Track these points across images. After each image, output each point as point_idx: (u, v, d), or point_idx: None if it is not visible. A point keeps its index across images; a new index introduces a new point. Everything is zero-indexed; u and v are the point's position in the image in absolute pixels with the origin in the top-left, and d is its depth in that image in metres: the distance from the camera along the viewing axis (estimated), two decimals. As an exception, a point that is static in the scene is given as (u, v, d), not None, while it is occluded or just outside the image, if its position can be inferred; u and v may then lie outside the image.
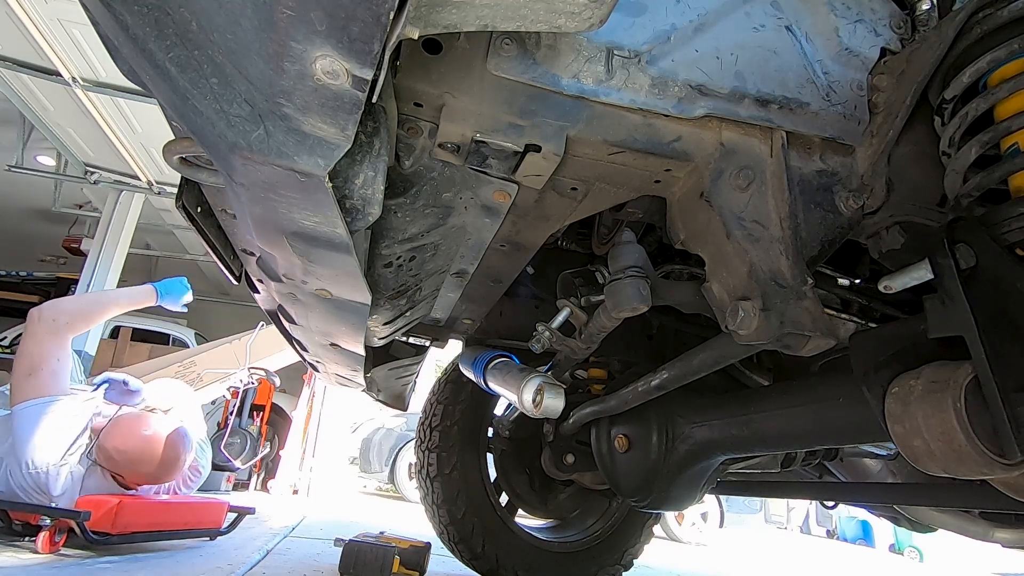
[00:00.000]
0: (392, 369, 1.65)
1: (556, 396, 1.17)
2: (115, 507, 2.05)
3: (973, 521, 1.42)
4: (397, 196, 0.80)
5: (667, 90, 0.72)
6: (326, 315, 1.00)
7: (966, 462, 0.62)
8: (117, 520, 2.05)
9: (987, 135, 0.69)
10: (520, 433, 1.95)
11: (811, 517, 13.19)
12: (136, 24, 0.45)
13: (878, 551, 10.77)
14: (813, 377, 1.11)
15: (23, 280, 7.54)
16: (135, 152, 5.41)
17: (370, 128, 0.60)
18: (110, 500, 2.09)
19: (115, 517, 2.05)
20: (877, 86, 0.79)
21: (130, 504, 2.13)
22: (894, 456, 1.50)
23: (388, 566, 1.98)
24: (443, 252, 0.99)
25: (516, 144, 0.73)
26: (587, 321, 1.10)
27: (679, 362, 1.02)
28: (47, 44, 4.01)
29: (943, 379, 0.64)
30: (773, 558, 6.19)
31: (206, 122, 0.50)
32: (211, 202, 0.87)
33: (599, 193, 0.86)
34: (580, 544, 2.06)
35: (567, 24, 0.50)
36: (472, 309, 1.34)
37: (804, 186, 0.79)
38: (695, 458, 1.25)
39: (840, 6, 0.79)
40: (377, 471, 6.72)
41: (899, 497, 1.31)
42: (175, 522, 2.34)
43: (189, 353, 4.41)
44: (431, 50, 0.66)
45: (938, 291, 0.66)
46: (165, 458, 2.22)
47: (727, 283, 0.78)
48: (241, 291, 2.04)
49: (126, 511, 2.09)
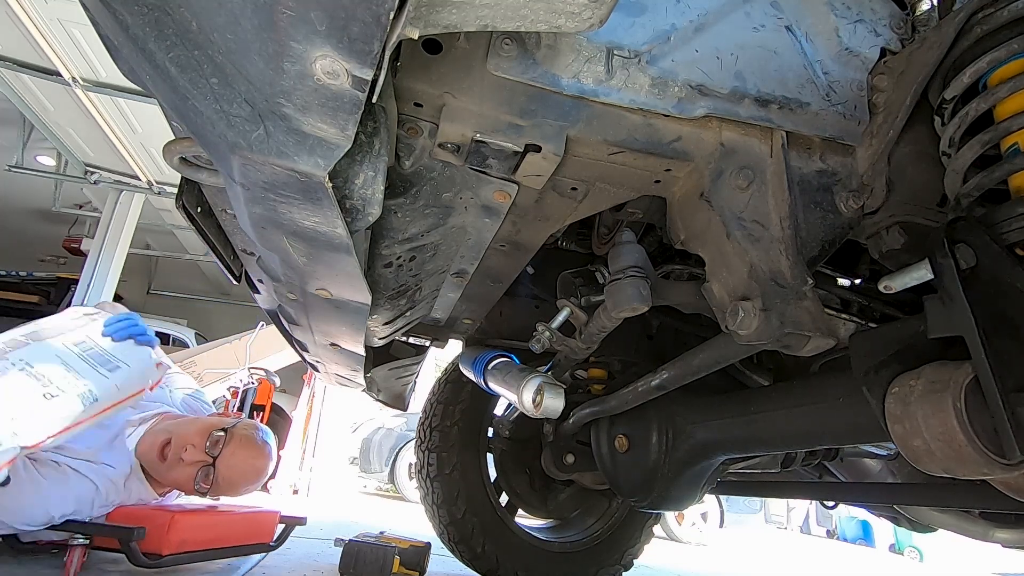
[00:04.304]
0: (392, 369, 1.65)
1: (556, 396, 1.17)
2: (169, 521, 1.64)
3: (973, 521, 1.42)
4: (397, 196, 0.81)
5: (667, 90, 0.72)
6: (326, 315, 1.00)
7: (966, 462, 0.62)
8: (170, 537, 1.64)
9: (987, 135, 0.69)
10: (520, 433, 1.95)
11: (811, 517, 13.20)
12: (136, 24, 0.45)
13: (878, 551, 10.77)
14: (813, 377, 1.11)
15: (23, 280, 7.54)
16: (135, 152, 5.41)
17: (370, 128, 0.60)
18: (163, 513, 1.66)
19: (168, 533, 1.63)
20: (877, 86, 0.79)
21: (186, 518, 1.69)
22: (894, 456, 1.50)
23: (388, 566, 1.98)
24: (443, 252, 0.99)
25: (516, 144, 0.73)
26: (587, 321, 1.10)
27: (679, 362, 1.02)
28: (47, 44, 4.01)
29: (943, 379, 0.64)
30: (773, 558, 6.19)
31: (206, 122, 0.50)
32: (211, 202, 0.87)
33: (599, 193, 0.86)
34: (580, 544, 2.06)
35: (567, 24, 0.50)
36: (472, 309, 1.34)
37: (804, 186, 0.79)
38: (695, 458, 1.25)
39: (840, 6, 0.80)
40: (377, 471, 6.72)
41: (899, 497, 1.31)
42: (229, 537, 1.91)
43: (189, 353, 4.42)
44: (431, 50, 0.66)
45: (938, 291, 0.66)
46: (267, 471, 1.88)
47: (727, 283, 0.78)
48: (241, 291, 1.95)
49: (181, 526, 1.66)
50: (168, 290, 9.91)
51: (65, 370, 1.39)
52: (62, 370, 1.39)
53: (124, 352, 1.56)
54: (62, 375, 1.38)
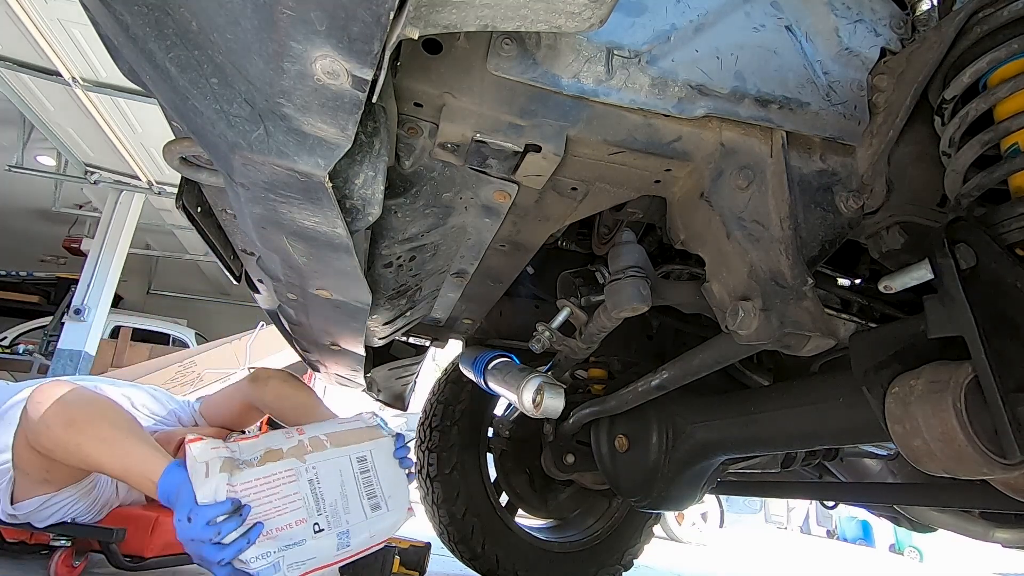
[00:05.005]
0: (392, 369, 1.65)
1: (556, 396, 1.17)
2: (152, 522, 1.58)
3: (973, 521, 1.42)
4: (397, 196, 0.80)
5: (667, 90, 0.72)
6: (326, 315, 1.00)
7: (966, 462, 0.62)
8: (154, 539, 1.60)
9: (987, 135, 0.69)
10: (520, 433, 1.95)
11: (811, 517, 13.19)
12: (136, 24, 0.45)
13: (878, 551, 10.77)
14: (813, 377, 1.11)
15: (23, 280, 7.55)
16: (135, 152, 5.41)
17: (370, 128, 0.60)
18: (145, 514, 1.60)
19: (152, 535, 1.59)
20: (877, 86, 0.79)
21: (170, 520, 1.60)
22: (894, 456, 1.50)
23: (388, 566, 1.98)
24: (443, 252, 0.99)
25: (516, 144, 0.73)
26: (587, 321, 1.10)
27: (679, 362, 1.02)
28: (47, 44, 4.02)
29: (943, 379, 0.64)
30: (773, 558, 6.19)
31: (206, 122, 0.50)
32: (211, 202, 0.87)
33: (599, 193, 0.86)
34: (580, 544, 2.06)
35: (567, 24, 0.50)
36: (472, 309, 1.34)
37: (804, 186, 0.79)
38: (695, 458, 1.25)
39: (840, 6, 0.80)
40: (377, 471, 6.70)
41: (899, 497, 1.31)
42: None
43: (189, 353, 4.42)
44: (431, 50, 0.66)
45: (938, 291, 0.66)
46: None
47: (727, 283, 0.78)
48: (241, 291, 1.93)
49: (165, 528, 1.61)
50: (168, 290, 9.91)
51: (340, 498, 1.26)
52: (337, 497, 1.25)
53: (391, 486, 1.37)
54: (334, 506, 1.24)
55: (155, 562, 1.65)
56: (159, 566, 1.68)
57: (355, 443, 1.35)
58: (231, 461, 1.14)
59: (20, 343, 6.55)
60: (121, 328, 6.35)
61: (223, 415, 1.88)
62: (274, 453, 1.21)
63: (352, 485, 1.30)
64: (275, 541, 1.14)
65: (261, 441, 1.23)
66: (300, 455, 1.23)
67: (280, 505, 1.17)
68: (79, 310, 5.89)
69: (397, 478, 1.39)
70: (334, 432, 1.34)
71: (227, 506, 1.09)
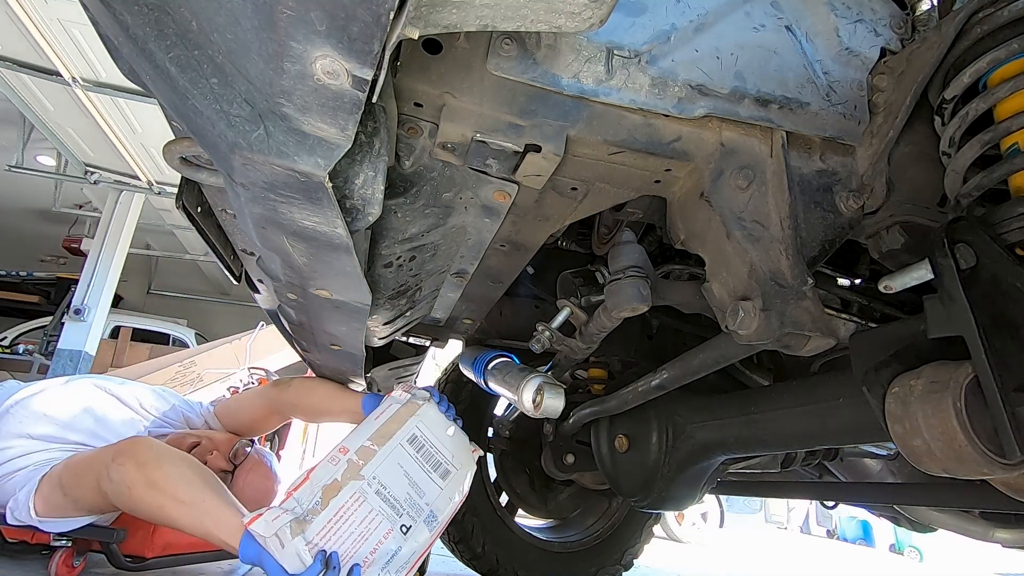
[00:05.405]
0: (392, 369, 1.65)
1: (556, 396, 1.17)
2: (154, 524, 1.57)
3: (973, 521, 1.42)
4: (397, 196, 0.80)
5: (667, 90, 0.72)
6: (326, 315, 1.00)
7: (966, 462, 0.62)
8: (154, 539, 1.63)
9: (987, 135, 0.69)
10: (520, 433, 1.95)
11: (811, 517, 13.18)
12: (136, 24, 0.45)
13: (878, 551, 10.76)
14: (813, 377, 1.11)
15: (23, 280, 7.55)
16: (135, 152, 5.41)
17: (370, 128, 0.60)
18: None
19: (152, 536, 1.62)
20: (877, 86, 0.79)
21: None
22: (894, 456, 1.50)
23: (388, 566, 1.98)
24: (443, 252, 0.99)
25: (516, 144, 0.73)
26: (587, 321, 1.10)
27: (679, 362, 1.02)
28: (47, 44, 4.02)
29: (943, 379, 0.64)
30: (773, 558, 6.19)
31: (206, 122, 0.50)
32: (211, 202, 0.87)
33: (599, 193, 0.86)
34: (580, 544, 2.06)
35: (567, 24, 0.50)
36: (472, 309, 1.34)
37: (804, 186, 0.79)
38: (695, 458, 1.25)
39: (840, 6, 0.80)
40: (377, 471, 6.70)
41: (899, 497, 1.31)
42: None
43: (189, 353, 4.42)
44: (431, 50, 0.66)
45: (938, 291, 0.66)
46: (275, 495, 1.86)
47: (727, 283, 0.78)
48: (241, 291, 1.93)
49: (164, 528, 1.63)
50: (168, 290, 9.91)
51: (411, 489, 1.26)
52: (408, 490, 1.25)
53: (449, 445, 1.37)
54: (410, 499, 1.24)
55: (155, 562, 1.66)
56: (159, 566, 1.69)
57: (399, 428, 1.32)
58: (298, 520, 1.12)
59: (20, 343, 6.55)
60: (121, 328, 6.35)
61: (241, 420, 1.87)
62: (332, 488, 1.18)
63: (416, 469, 1.28)
64: (375, 564, 1.15)
65: (313, 482, 1.19)
66: (355, 474, 1.21)
67: (363, 531, 1.16)
68: (79, 310, 5.88)
69: (452, 434, 1.38)
70: (375, 431, 1.31)
71: (318, 565, 1.09)
